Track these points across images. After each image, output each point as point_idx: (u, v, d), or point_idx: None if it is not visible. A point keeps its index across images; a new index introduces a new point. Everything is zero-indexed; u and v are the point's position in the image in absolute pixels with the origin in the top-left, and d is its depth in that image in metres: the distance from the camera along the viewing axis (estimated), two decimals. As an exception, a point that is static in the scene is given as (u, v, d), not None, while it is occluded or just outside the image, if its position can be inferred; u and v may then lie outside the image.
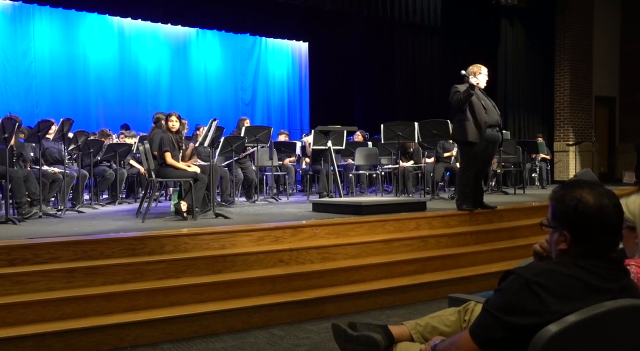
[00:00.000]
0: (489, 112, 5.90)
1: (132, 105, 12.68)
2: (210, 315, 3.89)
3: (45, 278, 3.80)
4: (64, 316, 3.62)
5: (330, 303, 4.31)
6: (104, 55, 12.42)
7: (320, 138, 8.09)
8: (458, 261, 5.29)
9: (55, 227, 5.19)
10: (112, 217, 6.27)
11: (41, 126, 6.25)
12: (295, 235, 4.98)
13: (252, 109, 14.70)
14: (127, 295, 3.86)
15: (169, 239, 4.47)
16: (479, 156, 5.96)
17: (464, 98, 5.80)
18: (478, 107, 5.84)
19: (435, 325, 2.14)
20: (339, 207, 6.12)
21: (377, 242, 5.20)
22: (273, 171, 9.11)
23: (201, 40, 13.92)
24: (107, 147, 8.24)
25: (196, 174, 5.97)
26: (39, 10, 11.55)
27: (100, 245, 4.21)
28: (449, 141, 8.96)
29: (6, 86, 11.13)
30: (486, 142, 5.91)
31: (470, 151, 5.93)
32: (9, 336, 3.32)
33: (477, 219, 6.10)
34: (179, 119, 6.22)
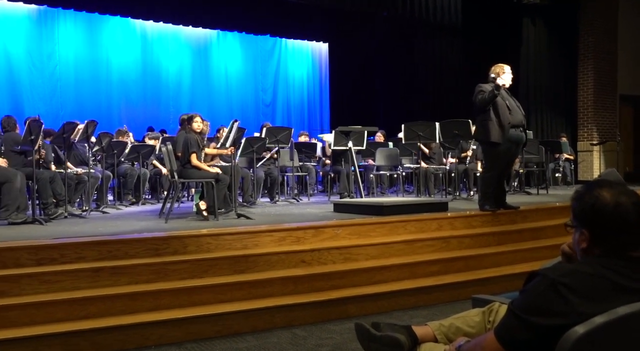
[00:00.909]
0: (513, 112, 5.84)
1: (154, 106, 12.82)
2: (233, 314, 3.92)
3: (71, 277, 3.87)
4: (90, 315, 3.67)
5: (352, 303, 4.31)
6: (127, 58, 12.58)
7: (341, 138, 8.10)
8: (481, 262, 5.25)
9: (81, 227, 5.28)
10: (136, 217, 6.35)
11: (66, 128, 6.35)
12: (316, 235, 4.99)
13: (273, 110, 14.76)
14: (151, 294, 3.91)
15: (192, 239, 4.51)
16: (502, 156, 5.91)
17: (488, 99, 5.75)
18: (502, 108, 5.78)
19: (459, 325, 2.13)
20: (360, 208, 6.11)
21: (399, 242, 5.18)
22: (294, 172, 9.14)
23: (222, 42, 14.02)
24: (131, 148, 8.34)
25: (218, 175, 6.02)
26: (64, 14, 11.74)
27: (125, 245, 4.27)
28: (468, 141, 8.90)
29: (32, 89, 11.33)
30: (509, 143, 5.85)
31: (493, 151, 5.89)
32: (39, 335, 3.39)
33: (500, 220, 6.05)
34: (202, 120, 6.28)
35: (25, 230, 5.13)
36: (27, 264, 3.90)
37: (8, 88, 11.10)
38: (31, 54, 11.39)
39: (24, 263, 3.90)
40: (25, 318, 3.52)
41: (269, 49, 14.68)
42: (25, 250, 3.96)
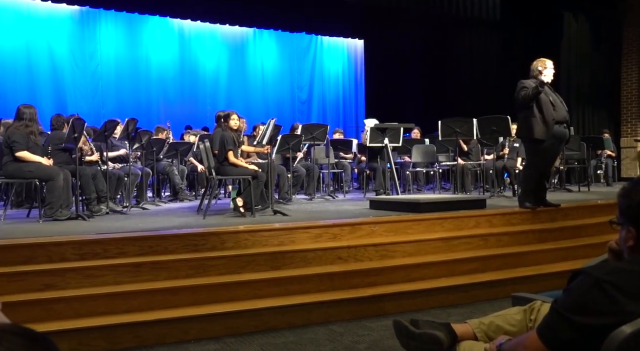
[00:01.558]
0: (557, 108, 5.71)
1: (192, 103, 13.01)
2: (270, 310, 3.95)
3: (113, 272, 3.96)
4: (132, 309, 3.75)
5: (389, 300, 4.30)
6: (165, 56, 12.80)
7: (377, 135, 8.07)
8: (520, 260, 5.17)
9: (122, 223, 5.40)
10: (175, 213, 6.46)
11: (108, 126, 6.50)
12: (353, 232, 4.99)
13: (309, 107, 14.80)
14: (191, 289, 3.97)
15: (230, 235, 4.56)
16: (545, 153, 5.78)
17: (532, 96, 5.62)
18: (546, 104, 5.66)
19: (499, 324, 2.10)
20: (396, 205, 6.08)
21: (436, 239, 5.14)
22: (329, 168, 9.14)
23: (258, 40, 14.12)
24: (169, 146, 8.48)
25: (255, 172, 6.07)
26: (105, 15, 12.01)
27: (165, 240, 4.35)
28: (507, 137, 8.75)
29: (75, 88, 11.63)
30: (553, 139, 5.73)
31: (536, 148, 5.77)
32: (83, 327, 3.48)
33: (540, 217, 5.94)
34: (239, 117, 6.35)
35: (70, 225, 5.28)
36: (72, 258, 4.01)
37: (52, 87, 11.43)
38: (74, 53, 11.69)
39: (68, 258, 4.01)
40: (69, 311, 3.62)
41: (304, 46, 14.72)
42: (70, 245, 4.07)
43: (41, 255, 3.96)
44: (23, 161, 5.54)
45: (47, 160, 5.75)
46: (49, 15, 11.46)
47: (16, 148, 5.50)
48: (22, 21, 11.21)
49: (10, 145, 5.53)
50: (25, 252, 3.93)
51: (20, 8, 11.18)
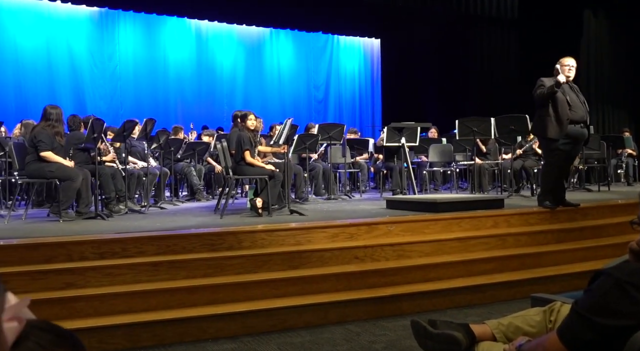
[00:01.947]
0: (574, 108, 5.64)
1: (209, 104, 13.09)
2: (287, 309, 3.97)
3: (132, 271, 4.00)
4: (150, 308, 3.79)
5: (405, 300, 4.29)
6: (183, 56, 12.89)
7: (394, 135, 8.05)
8: (539, 260, 5.12)
9: (140, 223, 5.45)
10: (192, 213, 6.50)
11: (126, 126, 6.56)
12: (369, 232, 4.98)
13: (325, 107, 14.81)
14: (209, 288, 4.00)
15: (247, 235, 4.58)
16: (560, 153, 5.71)
17: (547, 95, 5.58)
18: (562, 103, 5.60)
19: (519, 324, 2.08)
20: (413, 204, 6.06)
21: (453, 239, 5.12)
22: (346, 168, 9.14)
23: (275, 40, 14.16)
24: (187, 146, 8.54)
25: (272, 172, 6.09)
26: (124, 16, 12.13)
27: (183, 240, 4.38)
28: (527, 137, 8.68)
29: (94, 88, 11.77)
30: (568, 139, 5.67)
31: (550, 147, 5.72)
32: (103, 326, 3.53)
33: (559, 217, 5.88)
34: (256, 117, 6.37)
35: (89, 225, 5.34)
36: (92, 258, 4.06)
37: (72, 88, 11.57)
38: (93, 54, 11.82)
39: (88, 257, 4.05)
40: (90, 310, 3.67)
41: (321, 45, 14.73)
42: (90, 244, 4.12)
43: (62, 254, 4.01)
44: (45, 161, 5.61)
45: (69, 162, 5.82)
46: (68, 17, 11.61)
47: (41, 148, 5.58)
48: (43, 22, 11.36)
49: (35, 144, 5.60)
50: (47, 251, 3.99)
51: (41, 9, 11.33)
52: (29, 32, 11.24)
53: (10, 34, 11.07)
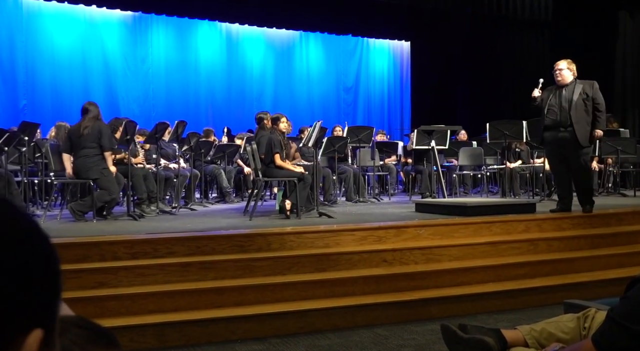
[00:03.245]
0: (549, 113, 5.76)
1: (239, 106, 13.18)
2: (315, 312, 3.97)
3: (162, 271, 4.05)
4: (180, 308, 3.83)
5: (435, 304, 4.25)
6: (213, 60, 13.02)
7: (423, 137, 7.99)
8: (572, 266, 5.02)
9: (171, 224, 5.52)
10: (222, 214, 6.56)
11: (158, 128, 6.66)
12: (398, 235, 4.96)
13: (354, 109, 14.79)
14: (237, 289, 4.03)
15: (275, 237, 4.60)
16: (549, 157, 6.07)
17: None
18: (545, 108, 5.80)
19: (552, 331, 2.04)
20: (443, 208, 6.01)
21: (483, 244, 5.06)
22: (374, 171, 9.11)
23: (304, 43, 14.20)
24: (217, 148, 8.63)
25: (302, 174, 6.10)
26: (156, 20, 12.32)
27: (212, 241, 4.42)
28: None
29: (127, 91, 11.97)
30: (547, 144, 5.89)
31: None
32: (134, 325, 3.58)
33: (593, 222, 5.76)
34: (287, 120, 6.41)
35: (121, 225, 5.43)
36: (124, 257, 4.13)
37: (105, 91, 11.79)
38: (126, 57, 12.03)
39: (120, 257, 4.12)
40: (121, 309, 3.72)
41: (350, 48, 14.73)
42: (122, 244, 4.19)
43: (95, 254, 4.09)
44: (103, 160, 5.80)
45: (113, 167, 5.95)
46: (103, 20, 11.84)
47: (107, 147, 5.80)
48: (79, 26, 11.61)
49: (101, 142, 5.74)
50: (81, 250, 4.07)
51: (77, 13, 11.58)
52: (65, 35, 11.50)
53: (48, 37, 11.34)
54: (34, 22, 11.17)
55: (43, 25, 11.30)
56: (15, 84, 10.94)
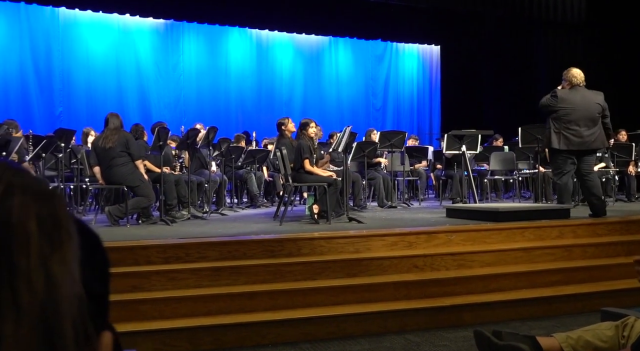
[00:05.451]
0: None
1: (269, 112, 13.26)
2: (346, 317, 3.96)
3: (194, 275, 4.09)
4: (212, 312, 3.86)
5: (466, 311, 4.20)
6: (244, 66, 13.16)
7: (454, 142, 7.93)
8: (608, 272, 4.91)
9: (202, 228, 5.58)
10: (252, 219, 6.60)
11: (190, 134, 6.75)
12: (429, 240, 4.92)
13: (383, 114, 14.76)
14: (268, 294, 4.04)
15: (306, 242, 4.61)
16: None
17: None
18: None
19: (589, 339, 2.00)
20: (474, 213, 5.94)
21: (516, 250, 4.98)
22: (404, 176, 9.06)
23: (333, 48, 14.24)
24: (247, 153, 8.69)
25: (332, 179, 6.11)
26: (188, 27, 12.53)
27: (243, 246, 4.45)
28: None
29: (159, 97, 12.18)
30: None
31: None
32: (166, 328, 3.63)
33: (630, 228, 5.63)
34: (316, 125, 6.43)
35: (154, 230, 5.51)
36: (157, 262, 4.19)
37: (138, 97, 12.02)
38: (158, 64, 12.25)
39: (153, 261, 4.18)
40: (154, 312, 3.77)
41: (379, 53, 14.72)
42: (155, 249, 4.25)
43: (129, 258, 4.15)
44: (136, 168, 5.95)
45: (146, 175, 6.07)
46: (137, 28, 12.08)
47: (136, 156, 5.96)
48: (113, 34, 11.87)
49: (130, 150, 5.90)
50: (115, 254, 4.14)
51: (111, 22, 11.85)
52: (100, 43, 11.77)
53: (83, 46, 11.63)
54: (70, 31, 11.46)
55: (78, 34, 11.58)
56: (51, 91, 11.23)
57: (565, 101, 5.97)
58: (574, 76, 6.18)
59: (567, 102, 5.96)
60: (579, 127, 5.89)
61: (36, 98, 11.06)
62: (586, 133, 5.90)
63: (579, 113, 5.92)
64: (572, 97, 6.00)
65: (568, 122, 5.90)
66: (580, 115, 5.92)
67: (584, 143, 5.93)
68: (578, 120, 5.91)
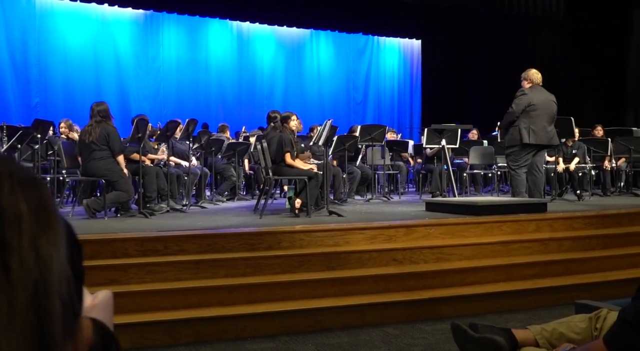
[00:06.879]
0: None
1: (249, 104, 13.23)
2: (325, 310, 3.97)
3: (174, 268, 4.07)
4: (191, 305, 3.85)
5: (445, 304, 4.25)
6: (224, 58, 13.08)
7: (434, 136, 7.97)
8: (583, 266, 4.99)
9: (182, 221, 5.54)
10: (232, 212, 6.58)
11: (169, 126, 6.69)
12: (408, 234, 4.95)
13: (364, 108, 14.79)
14: (247, 287, 4.04)
15: (285, 235, 4.61)
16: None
17: None
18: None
19: (562, 331, 2.04)
20: (453, 207, 5.99)
21: (494, 243, 5.04)
22: (385, 170, 9.10)
23: (315, 41, 14.22)
24: (227, 146, 8.65)
25: (312, 172, 6.11)
26: (168, 18, 12.39)
27: (223, 239, 4.44)
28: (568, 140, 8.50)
29: (138, 89, 12.04)
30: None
31: None
32: (145, 321, 3.60)
33: (605, 222, 5.72)
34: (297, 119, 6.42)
35: (132, 222, 5.47)
36: (134, 255, 4.15)
37: (117, 89, 11.87)
38: (137, 55, 12.10)
39: (131, 254, 4.15)
40: (132, 306, 3.75)
41: (361, 47, 14.72)
42: (133, 241, 4.21)
43: (106, 251, 4.12)
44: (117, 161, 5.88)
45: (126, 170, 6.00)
46: (115, 19, 11.92)
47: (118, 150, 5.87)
48: (91, 24, 11.70)
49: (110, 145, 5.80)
50: (92, 247, 4.10)
51: (89, 12, 11.67)
52: (77, 33, 11.59)
53: (60, 36, 11.44)
54: (46, 20, 11.27)
55: (55, 24, 11.39)
56: (28, 82, 11.04)
57: (533, 98, 6.34)
58: (533, 76, 6.59)
59: (533, 99, 6.33)
60: (544, 123, 6.32)
61: (12, 89, 10.86)
62: (549, 128, 6.38)
63: (543, 109, 6.34)
64: (536, 94, 6.38)
65: (536, 117, 6.28)
66: (544, 111, 6.34)
67: (547, 138, 6.38)
68: (542, 116, 6.32)
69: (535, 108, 6.30)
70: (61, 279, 0.59)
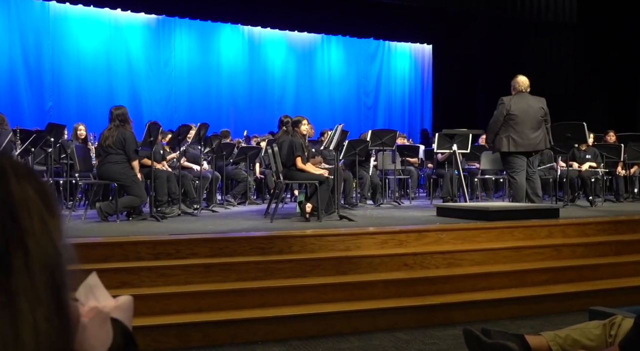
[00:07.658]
0: None
1: (260, 109, 13.27)
2: (336, 315, 3.96)
3: (185, 272, 4.08)
4: (202, 309, 3.86)
5: (456, 309, 4.22)
6: (236, 63, 13.14)
7: (445, 141, 7.95)
8: (596, 272, 4.95)
9: (193, 225, 5.56)
10: (243, 216, 6.59)
11: (181, 130, 6.72)
12: (419, 239, 4.93)
13: (374, 113, 14.79)
14: (258, 291, 4.04)
15: (296, 239, 4.61)
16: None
17: None
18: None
19: (576, 337, 2.02)
20: (464, 212, 5.96)
21: (506, 249, 5.00)
22: (396, 175, 9.08)
23: (326, 46, 14.24)
24: (239, 150, 8.68)
25: (323, 177, 6.11)
26: (180, 23, 12.48)
27: (234, 243, 4.44)
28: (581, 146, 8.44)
29: (150, 94, 12.12)
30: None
31: None
32: (156, 324, 3.61)
33: (618, 229, 5.67)
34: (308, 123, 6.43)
35: (144, 226, 5.49)
36: (146, 258, 4.17)
37: (129, 93, 11.96)
38: (150, 60, 12.19)
39: (143, 257, 4.16)
40: (144, 309, 3.75)
41: (372, 52, 14.73)
42: (145, 245, 4.23)
43: (119, 254, 4.14)
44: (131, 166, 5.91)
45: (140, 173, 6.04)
46: (128, 24, 12.01)
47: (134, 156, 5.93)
48: (104, 29, 11.81)
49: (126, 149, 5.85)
50: (105, 250, 4.12)
51: (102, 17, 11.78)
52: (91, 38, 11.70)
53: (74, 40, 11.55)
54: (60, 25, 11.38)
55: (69, 29, 11.50)
56: (41, 86, 11.16)
57: (512, 107, 6.49)
58: (518, 83, 6.79)
59: (513, 108, 6.48)
60: (525, 131, 6.42)
61: (25, 93, 10.98)
62: (532, 135, 6.45)
63: (524, 117, 6.46)
64: (517, 102, 6.52)
65: (515, 125, 6.41)
66: (525, 119, 6.45)
67: (530, 145, 6.48)
68: (524, 123, 6.43)
69: (513, 117, 6.46)
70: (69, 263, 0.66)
